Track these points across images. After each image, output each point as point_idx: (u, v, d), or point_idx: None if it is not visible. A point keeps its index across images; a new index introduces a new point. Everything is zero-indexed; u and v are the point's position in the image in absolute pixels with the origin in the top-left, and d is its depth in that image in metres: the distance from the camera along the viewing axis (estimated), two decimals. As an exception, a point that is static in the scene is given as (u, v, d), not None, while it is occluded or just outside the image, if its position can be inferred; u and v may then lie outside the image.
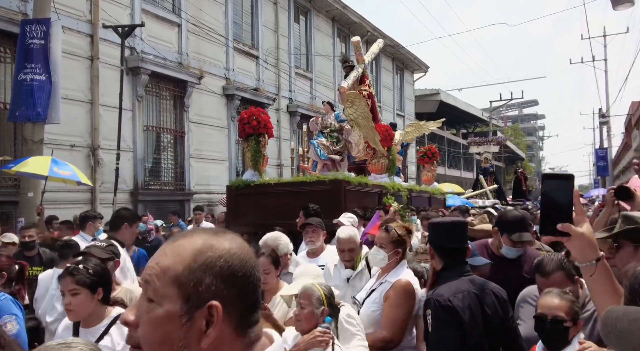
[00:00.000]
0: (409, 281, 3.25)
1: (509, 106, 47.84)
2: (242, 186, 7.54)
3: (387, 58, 24.35)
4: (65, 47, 9.22)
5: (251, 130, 7.54)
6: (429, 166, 12.46)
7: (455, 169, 36.57)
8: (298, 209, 6.64)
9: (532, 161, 69.62)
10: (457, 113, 34.92)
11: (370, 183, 8.21)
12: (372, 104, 9.96)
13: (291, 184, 7.47)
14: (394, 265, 3.34)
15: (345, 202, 7.01)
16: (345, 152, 8.40)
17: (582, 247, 1.50)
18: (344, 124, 8.41)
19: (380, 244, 3.35)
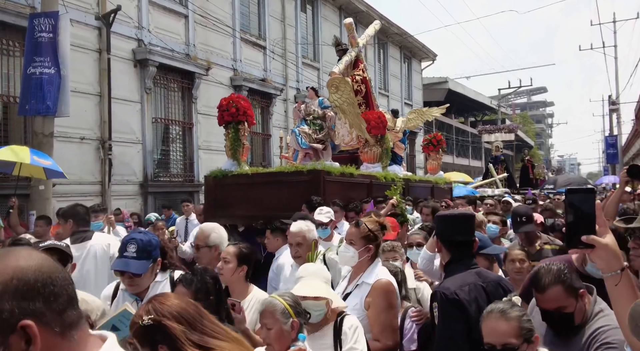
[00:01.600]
0: (388, 280, 3.06)
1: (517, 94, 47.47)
2: (220, 176, 7.22)
3: (394, 47, 24.22)
4: (74, 40, 9.26)
5: (230, 117, 7.22)
6: (434, 155, 11.94)
7: (463, 158, 36.42)
8: (276, 201, 6.44)
9: (541, 148, 69.17)
10: (465, 101, 34.74)
11: (357, 172, 7.72)
12: (366, 90, 9.63)
13: (269, 175, 7.13)
14: (366, 264, 3.12)
15: (325, 194, 6.58)
16: (328, 141, 7.95)
17: (607, 257, 1.56)
18: (327, 110, 7.96)
19: (350, 240, 3.15)
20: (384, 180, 8.19)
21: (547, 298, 2.28)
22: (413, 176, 10.13)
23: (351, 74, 9.57)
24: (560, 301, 2.26)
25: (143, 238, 3.02)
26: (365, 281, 3.06)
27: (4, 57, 9.31)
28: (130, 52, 11.32)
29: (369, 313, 2.97)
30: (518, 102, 69.48)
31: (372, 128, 8.46)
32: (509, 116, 44.89)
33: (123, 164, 10.96)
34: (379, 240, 3.21)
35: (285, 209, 5.84)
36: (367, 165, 8.64)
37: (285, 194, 6.61)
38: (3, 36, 9.25)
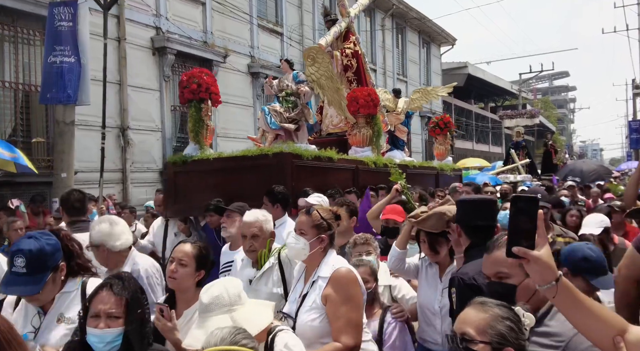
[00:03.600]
0: (348, 269, 2.69)
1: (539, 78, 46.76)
2: (180, 162, 6.42)
3: (413, 31, 23.95)
4: (93, 29, 9.33)
5: (190, 95, 6.41)
6: (442, 138, 10.88)
7: (483, 144, 36.06)
8: (239, 189, 5.73)
9: (563, 134, 68.16)
10: (485, 86, 34.30)
11: (338, 157, 6.76)
12: (358, 65, 8.73)
13: (231, 160, 6.24)
14: (319, 256, 2.75)
15: (293, 180, 5.78)
16: (303, 121, 6.98)
17: (540, 270, 1.50)
18: (302, 85, 6.99)
19: (300, 230, 2.77)
20: (374, 166, 7.33)
21: (491, 259, 1.94)
22: (412, 162, 9.15)
23: (341, 47, 8.73)
24: (503, 265, 1.84)
25: (32, 246, 2.44)
26: (321, 275, 2.69)
27: (25, 46, 9.43)
28: (148, 40, 11.38)
29: (327, 309, 2.59)
30: (539, 87, 68.39)
31: (360, 107, 7.59)
32: (530, 101, 44.24)
33: (143, 152, 11.08)
34: (333, 229, 2.83)
35: (250, 198, 5.14)
36: (355, 149, 7.77)
37: (249, 182, 5.85)
38: (24, 25, 9.36)
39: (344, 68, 8.64)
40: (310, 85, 7.05)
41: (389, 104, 9.98)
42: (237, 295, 1.99)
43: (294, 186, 5.63)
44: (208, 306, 1.92)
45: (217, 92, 6.66)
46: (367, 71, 9.10)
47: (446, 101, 28.37)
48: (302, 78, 7.03)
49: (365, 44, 20.38)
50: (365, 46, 20.24)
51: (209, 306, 1.92)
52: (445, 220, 3.08)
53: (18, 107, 9.37)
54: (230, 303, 1.96)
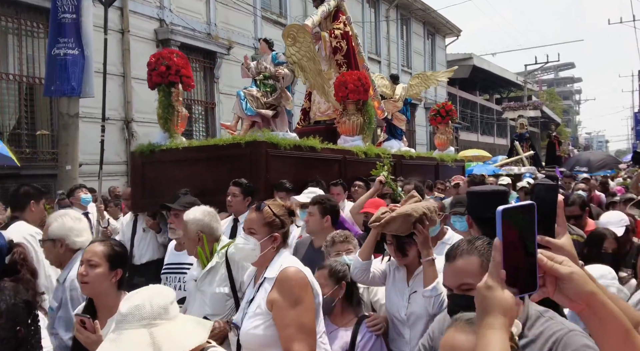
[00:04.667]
0: (296, 268, 2.38)
1: (544, 70, 46.40)
2: (147, 152, 5.94)
3: (417, 22, 23.79)
4: (96, 21, 9.28)
5: (159, 78, 5.90)
6: (443, 128, 10.23)
7: (488, 136, 35.92)
8: (211, 181, 5.35)
9: (569, 126, 67.81)
10: (490, 78, 34.12)
11: (322, 146, 6.25)
12: (349, 47, 8.11)
13: (202, 149, 5.79)
14: (270, 257, 2.46)
15: (268, 171, 5.33)
16: (282, 106, 6.44)
17: None
18: (281, 67, 6.43)
19: (250, 229, 2.48)
20: (364, 156, 6.82)
21: (453, 269, 1.75)
22: (408, 152, 8.53)
23: (330, 29, 8.11)
24: (468, 276, 1.67)
25: None
26: (267, 277, 2.40)
27: (29, 38, 9.40)
28: (152, 32, 11.34)
29: (274, 314, 2.29)
30: (545, 79, 68.02)
31: (350, 92, 7.01)
32: (536, 93, 44.01)
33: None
34: (286, 228, 2.55)
35: (222, 191, 4.88)
36: (345, 138, 7.23)
37: (221, 173, 5.39)
38: (27, 18, 9.32)
39: (333, 50, 8.06)
40: (291, 67, 6.50)
41: (386, 91, 9.55)
42: (162, 307, 1.61)
43: (268, 178, 5.23)
44: (125, 317, 1.58)
45: (189, 75, 6.12)
46: (360, 54, 8.54)
47: (451, 92, 28.25)
48: (282, 59, 6.51)
49: (370, 35, 20.28)
50: (369, 37, 20.15)
51: (125, 317, 1.58)
52: (411, 222, 2.78)
53: (22, 99, 9.36)
54: (151, 316, 1.58)
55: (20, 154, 9.14)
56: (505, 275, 1.08)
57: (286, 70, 6.42)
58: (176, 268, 3.65)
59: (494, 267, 1.09)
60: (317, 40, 7.98)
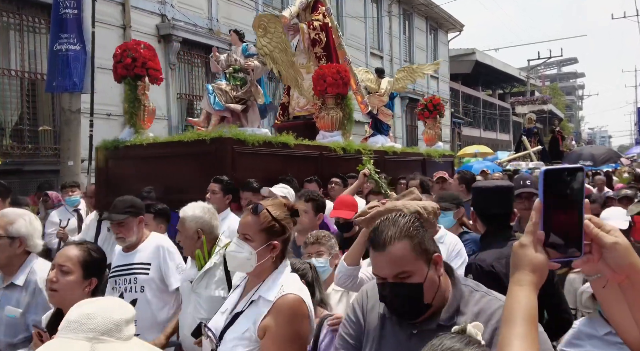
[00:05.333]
0: (298, 297, 2.04)
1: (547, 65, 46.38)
2: (111, 148, 5.72)
3: (420, 17, 23.72)
4: (98, 16, 9.26)
5: (124, 71, 5.61)
6: (432, 122, 9.90)
7: (491, 131, 35.85)
8: (176, 180, 5.13)
9: (571, 121, 67.68)
10: (493, 73, 34.03)
11: (296, 142, 5.98)
12: (328, 39, 7.84)
13: (167, 146, 5.51)
14: (268, 269, 2.13)
15: (234, 169, 5.03)
16: (253, 100, 6.16)
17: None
18: (252, 59, 6.15)
19: (245, 234, 2.13)
20: (343, 152, 6.54)
21: (387, 259, 1.59)
22: (392, 148, 8.22)
23: (308, 20, 7.83)
24: (404, 263, 1.56)
25: None
26: (264, 297, 2.06)
27: (30, 34, 9.39)
28: (154, 27, 11.31)
29: (263, 344, 2.00)
30: (548, 74, 67.88)
31: (328, 86, 6.75)
32: (539, 88, 43.89)
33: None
34: (287, 234, 2.19)
35: (186, 190, 4.69)
36: (323, 133, 6.96)
37: (185, 171, 5.21)
38: (29, 13, 9.30)
39: (312, 43, 7.79)
40: (262, 59, 6.20)
41: (371, 85, 9.27)
42: (115, 323, 1.37)
43: (234, 176, 4.91)
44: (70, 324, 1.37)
45: (157, 67, 5.83)
46: (342, 47, 8.26)
47: (453, 87, 28.18)
48: (253, 51, 6.24)
49: (372, 30, 20.22)
50: (372, 33, 20.09)
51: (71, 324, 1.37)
52: None
53: (24, 95, 9.35)
54: (100, 330, 1.35)
55: (22, 150, 9.16)
56: (544, 237, 1.07)
57: (257, 62, 6.15)
58: (126, 269, 3.41)
59: (531, 226, 1.10)
60: (295, 32, 7.80)
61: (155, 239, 3.49)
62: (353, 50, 18.58)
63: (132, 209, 3.42)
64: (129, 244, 3.43)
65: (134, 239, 3.42)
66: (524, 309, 1.07)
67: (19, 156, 9.05)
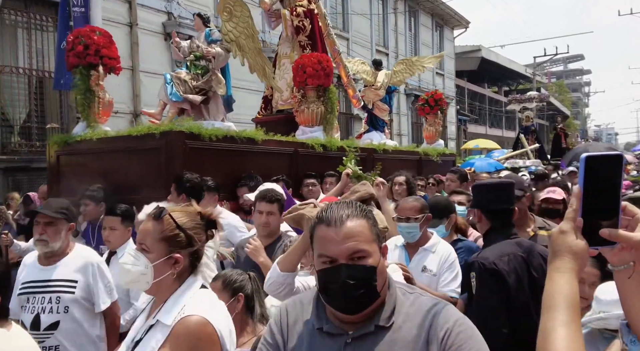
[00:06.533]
0: (200, 319, 1.70)
1: (553, 62, 46.02)
2: (62, 144, 5.30)
3: (426, 14, 23.65)
4: (105, 14, 9.31)
5: (76, 60, 5.12)
6: (432, 118, 9.30)
7: (497, 129, 35.76)
8: (125, 177, 4.76)
9: (577, 118, 67.34)
10: (499, 70, 33.90)
11: (264, 138, 5.48)
12: (313, 27, 7.32)
13: (117, 140, 5.03)
14: (171, 286, 1.80)
15: (186, 166, 4.50)
16: (215, 91, 5.71)
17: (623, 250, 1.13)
18: (215, 45, 5.64)
19: (142, 244, 1.81)
20: (322, 149, 6.04)
21: (343, 234, 1.41)
22: (382, 145, 7.65)
23: (291, 6, 7.36)
24: (362, 242, 1.41)
25: None
26: (162, 320, 1.74)
27: (38, 32, 9.45)
28: (160, 25, 11.36)
29: None
30: (554, 71, 67.48)
31: (308, 77, 6.24)
32: (545, 85, 43.68)
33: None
34: (196, 246, 1.84)
35: (137, 188, 4.39)
36: (303, 129, 6.45)
37: (136, 167, 4.80)
38: (36, 11, 9.36)
39: (295, 30, 7.30)
40: (226, 46, 5.68)
41: (367, 78, 8.79)
42: None
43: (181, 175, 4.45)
44: None
45: (114, 56, 5.32)
46: (330, 36, 7.68)
47: (459, 84, 28.11)
48: (216, 37, 5.71)
49: (378, 27, 20.18)
50: (377, 30, 20.06)
51: None
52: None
53: (32, 93, 9.41)
54: None
55: (30, 147, 9.23)
56: (582, 223, 1.07)
57: (219, 48, 5.60)
58: (44, 286, 2.93)
59: (571, 213, 1.09)
60: (277, 19, 7.48)
61: (82, 253, 3.09)
62: (358, 47, 18.58)
63: (67, 212, 3.04)
64: (50, 252, 2.95)
65: (56, 247, 2.97)
66: (566, 295, 1.05)
67: (26, 153, 9.11)
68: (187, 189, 3.94)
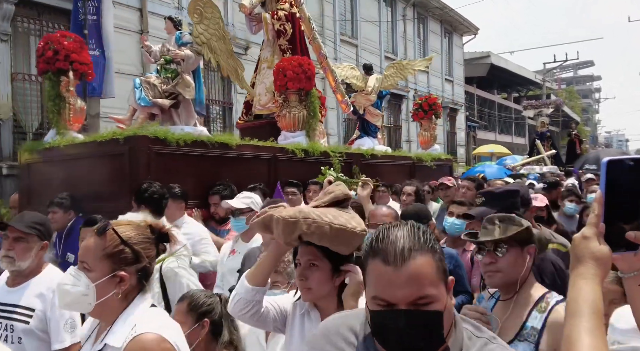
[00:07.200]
0: (155, 336, 1.56)
1: (563, 68, 45.88)
2: (32, 151, 5.24)
3: (434, 21, 23.67)
4: (117, 22, 9.40)
5: (45, 65, 5.07)
6: (427, 123, 9.18)
7: (506, 135, 35.61)
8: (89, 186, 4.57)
9: (588, 124, 66.95)
10: (508, 76, 33.82)
11: (237, 143, 5.31)
12: (295, 31, 7.23)
13: (83, 146, 4.91)
14: (118, 308, 1.64)
15: (150, 172, 4.35)
16: (185, 96, 5.55)
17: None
18: (186, 48, 5.55)
19: (84, 262, 1.66)
20: (303, 155, 5.82)
21: (405, 277, 1.16)
22: (370, 151, 7.39)
23: (273, 9, 7.24)
24: (428, 285, 1.17)
25: None
26: (110, 344, 1.60)
27: (51, 40, 9.55)
28: (170, 32, 11.45)
29: None
30: (564, 77, 67.26)
31: (289, 81, 6.13)
32: (555, 91, 43.51)
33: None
34: (144, 263, 1.69)
35: (103, 196, 4.28)
36: (285, 134, 6.30)
37: (100, 175, 4.61)
38: (49, 19, 9.47)
39: (277, 34, 7.20)
40: (197, 48, 5.58)
41: (357, 83, 8.74)
42: None
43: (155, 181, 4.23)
44: None
45: (86, 61, 5.24)
46: (316, 40, 7.59)
47: (468, 91, 28.06)
48: (187, 40, 5.62)
49: (387, 34, 20.21)
50: (386, 36, 20.09)
51: None
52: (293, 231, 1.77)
53: (45, 100, 9.50)
54: None
55: (42, 153, 9.31)
56: (604, 229, 1.05)
57: (188, 51, 5.50)
58: (5, 310, 2.57)
59: (594, 218, 1.07)
60: (257, 22, 7.40)
61: (49, 276, 2.64)
62: (367, 54, 18.62)
63: (41, 228, 2.68)
64: (16, 271, 2.61)
65: (24, 266, 2.60)
66: (591, 302, 1.03)
67: (39, 159, 9.20)
68: (146, 199, 3.69)
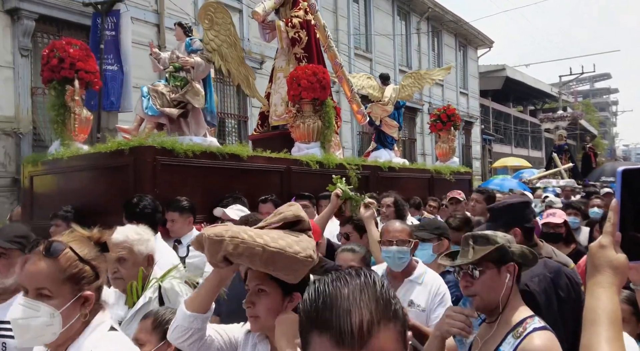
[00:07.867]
0: None
1: (579, 81, 45.62)
2: (34, 163, 5.10)
3: (449, 34, 23.71)
4: (134, 37, 9.57)
5: (50, 74, 4.91)
6: (445, 135, 8.93)
7: (522, 148, 35.38)
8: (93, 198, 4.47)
9: (605, 138, 66.25)
10: (524, 89, 33.68)
11: (250, 154, 5.16)
12: (310, 39, 7.05)
13: (87, 158, 4.72)
14: (78, 331, 1.54)
15: (157, 185, 4.22)
16: (194, 105, 5.31)
17: None
18: (196, 55, 5.32)
19: (40, 290, 1.50)
20: (318, 167, 5.64)
21: None
22: (388, 163, 7.27)
23: (287, 17, 7.08)
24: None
25: None
26: None
27: (70, 55, 9.73)
28: (187, 47, 11.61)
29: None
30: (580, 90, 66.81)
31: (303, 90, 5.91)
32: (571, 104, 43.21)
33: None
34: (102, 278, 1.60)
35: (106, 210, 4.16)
36: (299, 145, 6.10)
37: (104, 187, 4.50)
38: (68, 35, 9.65)
39: (291, 42, 7.01)
40: (207, 55, 5.37)
41: (374, 93, 8.52)
42: None
43: (158, 193, 4.12)
44: None
45: (92, 69, 5.07)
46: (331, 48, 7.43)
47: (484, 104, 27.99)
48: (197, 46, 5.39)
49: (401, 47, 20.29)
50: (400, 50, 20.16)
51: None
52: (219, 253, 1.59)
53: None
54: None
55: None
56: (620, 238, 1.06)
57: (198, 58, 5.26)
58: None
59: (609, 227, 1.07)
60: (271, 30, 7.26)
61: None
62: (382, 68, 18.69)
63: (24, 241, 2.52)
64: (1, 288, 2.46)
65: (8, 283, 2.45)
66: (609, 311, 1.04)
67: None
68: (138, 215, 3.46)
